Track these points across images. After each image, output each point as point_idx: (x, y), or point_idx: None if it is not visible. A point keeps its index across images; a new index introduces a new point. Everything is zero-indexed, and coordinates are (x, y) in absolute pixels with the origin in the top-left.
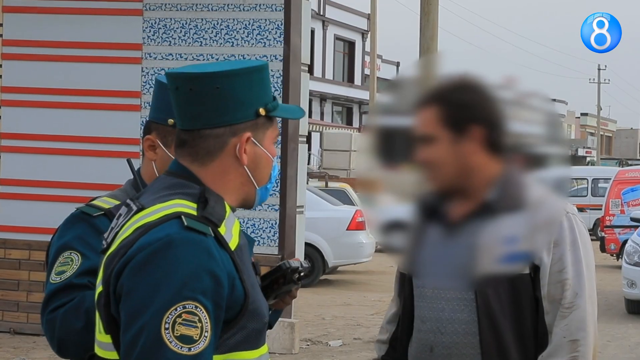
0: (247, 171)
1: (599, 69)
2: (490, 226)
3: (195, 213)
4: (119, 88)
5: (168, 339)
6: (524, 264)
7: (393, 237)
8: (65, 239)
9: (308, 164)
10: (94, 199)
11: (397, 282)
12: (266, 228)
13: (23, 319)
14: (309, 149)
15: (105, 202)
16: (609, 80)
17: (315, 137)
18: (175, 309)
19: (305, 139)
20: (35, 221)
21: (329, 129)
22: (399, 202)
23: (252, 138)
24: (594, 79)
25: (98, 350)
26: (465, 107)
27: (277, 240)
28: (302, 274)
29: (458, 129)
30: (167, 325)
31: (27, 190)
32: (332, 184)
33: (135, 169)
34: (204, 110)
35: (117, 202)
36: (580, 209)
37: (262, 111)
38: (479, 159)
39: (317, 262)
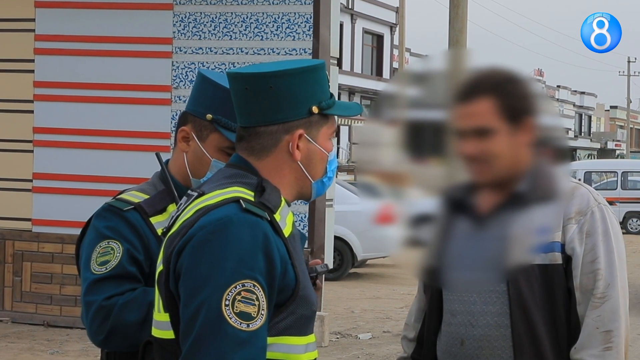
0: (301, 166)
1: (628, 62)
2: (521, 217)
3: (252, 199)
4: (150, 82)
5: (228, 315)
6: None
7: (419, 231)
8: (98, 230)
9: (337, 157)
10: (122, 192)
11: None
12: (296, 221)
13: (56, 311)
14: (338, 142)
15: (134, 196)
16: (638, 72)
17: (344, 130)
18: (235, 287)
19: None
20: (68, 215)
21: (358, 122)
22: (422, 195)
23: (305, 135)
24: (623, 72)
25: (155, 331)
26: (522, 99)
27: (307, 234)
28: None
29: (515, 120)
30: (227, 302)
31: (60, 184)
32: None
33: (164, 161)
34: (258, 109)
35: (146, 196)
36: (610, 202)
37: (315, 109)
38: (527, 152)
39: (346, 256)
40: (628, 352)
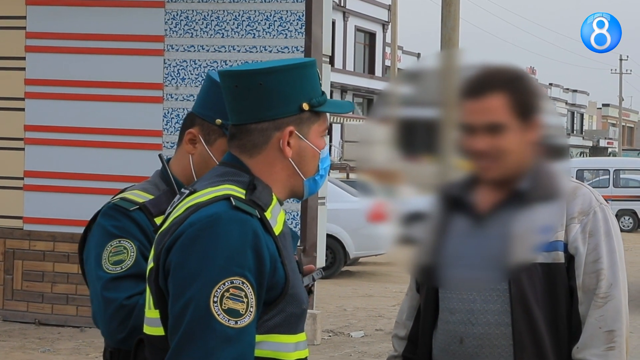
0: (293, 163)
1: (620, 59)
2: (523, 216)
3: (243, 197)
4: (141, 80)
5: (216, 312)
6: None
7: (412, 229)
8: (106, 229)
9: (329, 155)
10: (124, 190)
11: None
12: (288, 219)
13: (48, 310)
14: (330, 140)
15: (138, 195)
16: (630, 70)
17: (337, 128)
18: (224, 284)
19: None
20: (59, 213)
21: (350, 120)
22: (415, 193)
23: (295, 132)
24: (615, 70)
25: (146, 328)
26: (532, 96)
27: (299, 232)
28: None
29: (525, 118)
30: (215, 299)
31: (51, 182)
32: (354, 175)
33: (165, 160)
34: (248, 106)
35: (150, 196)
36: None
37: (305, 106)
38: (531, 150)
39: (339, 254)
40: (628, 351)
